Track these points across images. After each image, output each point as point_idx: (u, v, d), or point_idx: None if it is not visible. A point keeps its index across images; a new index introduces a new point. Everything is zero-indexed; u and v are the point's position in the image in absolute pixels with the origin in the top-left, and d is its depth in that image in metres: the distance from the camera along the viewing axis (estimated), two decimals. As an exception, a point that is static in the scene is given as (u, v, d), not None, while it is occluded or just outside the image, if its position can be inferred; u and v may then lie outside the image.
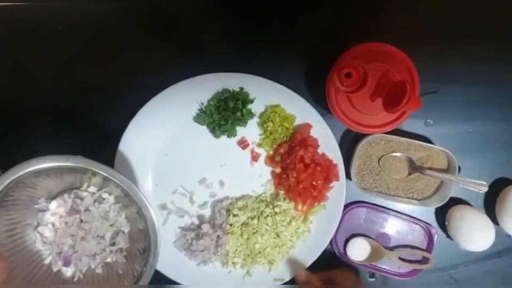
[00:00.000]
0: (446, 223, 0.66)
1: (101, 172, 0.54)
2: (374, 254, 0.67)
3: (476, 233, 0.64)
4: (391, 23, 0.66)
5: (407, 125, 0.66)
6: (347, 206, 0.67)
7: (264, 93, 0.64)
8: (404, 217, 0.67)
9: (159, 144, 0.66)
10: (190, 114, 0.66)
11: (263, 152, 0.67)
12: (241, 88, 0.64)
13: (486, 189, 0.63)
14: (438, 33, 0.66)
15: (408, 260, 0.67)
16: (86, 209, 0.62)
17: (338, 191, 0.64)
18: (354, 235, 0.67)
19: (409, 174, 0.65)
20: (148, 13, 0.66)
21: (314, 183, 0.63)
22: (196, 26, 0.67)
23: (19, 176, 0.52)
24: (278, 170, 0.66)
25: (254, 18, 0.66)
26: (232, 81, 0.64)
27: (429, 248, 0.67)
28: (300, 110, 0.64)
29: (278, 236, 0.66)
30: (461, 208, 0.65)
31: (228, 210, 0.66)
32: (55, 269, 0.61)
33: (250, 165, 0.67)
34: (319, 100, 0.64)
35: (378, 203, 0.67)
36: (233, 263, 0.67)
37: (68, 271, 0.62)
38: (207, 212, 0.67)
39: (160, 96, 0.63)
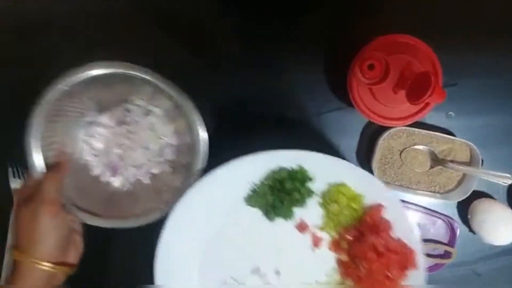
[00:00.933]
0: (469, 216, 0.65)
1: (152, 80, 0.53)
2: (396, 249, 0.66)
3: (500, 227, 0.63)
4: (412, 15, 0.65)
5: (429, 118, 0.65)
6: (368, 200, 0.66)
7: (325, 170, 0.57)
8: (426, 211, 0.66)
9: (206, 231, 0.58)
10: (240, 195, 0.59)
11: (325, 236, 0.59)
12: (300, 167, 0.57)
13: (510, 181, 0.62)
14: (458, 25, 0.65)
15: (430, 254, 0.67)
16: (134, 121, 0.61)
17: (416, 279, 0.56)
18: (375, 230, 0.67)
19: (431, 167, 0.65)
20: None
21: (388, 273, 0.55)
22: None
23: (69, 85, 0.52)
24: (344, 258, 0.59)
25: (274, 12, 0.65)
26: (288, 158, 0.56)
27: (452, 242, 0.66)
28: (368, 188, 0.57)
29: None
30: (485, 201, 0.64)
31: None
32: (103, 179, 0.61)
33: (311, 251, 0.59)
34: (341, 93, 0.64)
35: (400, 197, 0.66)
36: None
37: (116, 181, 0.62)
38: None
39: (206, 179, 0.55)
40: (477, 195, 0.66)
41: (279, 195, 0.58)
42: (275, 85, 0.65)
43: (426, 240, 0.67)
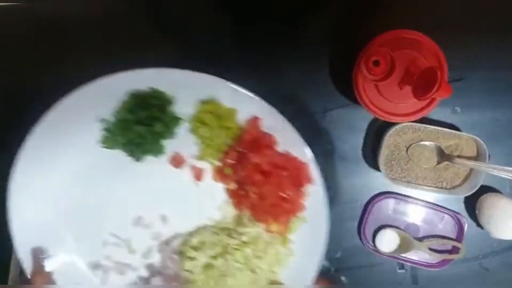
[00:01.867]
0: (477, 211, 0.65)
1: None
2: (403, 245, 0.66)
3: (508, 221, 0.62)
4: (415, 10, 0.65)
5: (434, 113, 0.64)
6: (374, 197, 0.66)
7: (187, 89, 0.49)
8: (433, 206, 0.66)
9: (62, 190, 0.49)
10: (93, 136, 0.49)
11: (207, 166, 0.52)
12: (153, 89, 0.48)
13: (517, 176, 0.62)
14: (462, 19, 0.65)
15: (438, 250, 0.67)
16: None
17: (317, 195, 0.52)
18: (382, 227, 0.66)
19: (438, 163, 0.64)
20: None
21: (282, 194, 0.50)
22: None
23: None
24: (233, 186, 0.52)
25: (279, 9, 0.65)
26: (138, 81, 0.48)
27: (459, 237, 0.66)
28: (239, 100, 0.50)
29: (254, 271, 0.50)
30: (492, 196, 0.64)
31: (181, 253, 0.51)
32: None
33: (195, 186, 0.51)
34: (346, 90, 0.64)
35: (407, 193, 0.66)
36: None
37: None
38: (155, 260, 0.52)
39: (49, 117, 0.46)
40: (485, 190, 0.65)
41: (139, 129, 0.47)
42: (280, 83, 0.65)
43: (434, 236, 0.67)
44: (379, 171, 0.63)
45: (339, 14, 0.65)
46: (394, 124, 0.62)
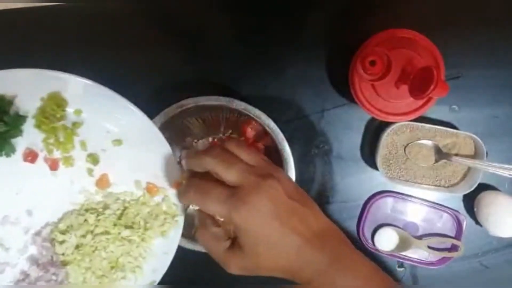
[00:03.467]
0: (475, 209, 0.65)
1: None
2: (403, 244, 0.66)
3: (506, 219, 0.62)
4: (411, 9, 0.65)
5: (432, 112, 0.64)
6: (373, 196, 0.66)
7: (34, 87, 0.50)
8: (432, 205, 0.66)
9: None
10: None
11: (61, 155, 0.53)
12: None
13: (516, 173, 0.62)
14: (459, 17, 0.65)
15: (437, 248, 0.67)
16: None
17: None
18: (381, 225, 0.66)
19: (436, 161, 0.64)
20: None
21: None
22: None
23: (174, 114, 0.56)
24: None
25: (275, 9, 0.65)
26: None
27: (458, 235, 0.66)
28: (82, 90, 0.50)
29: (125, 238, 0.53)
30: (490, 194, 0.64)
31: (52, 240, 0.52)
32: None
33: (53, 177, 0.52)
34: (343, 89, 0.64)
35: (405, 192, 0.66)
36: None
37: None
38: (33, 252, 0.52)
39: None
40: (483, 187, 0.65)
41: None
42: (277, 82, 0.65)
43: (433, 234, 0.67)
44: (377, 170, 0.63)
45: (335, 14, 0.65)
46: (391, 123, 0.62)
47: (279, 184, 0.43)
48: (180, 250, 0.55)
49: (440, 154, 0.64)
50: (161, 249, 0.54)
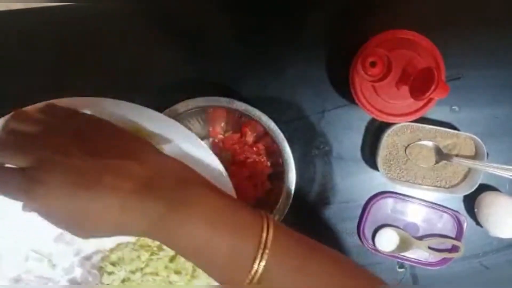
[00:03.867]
0: (476, 210, 0.65)
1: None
2: (403, 244, 0.66)
3: (507, 220, 0.62)
4: (411, 10, 0.65)
5: (432, 112, 0.65)
6: (373, 197, 0.66)
7: None
8: (432, 205, 0.66)
9: None
10: None
11: None
12: None
13: (516, 174, 0.62)
14: (458, 16, 0.65)
15: (438, 249, 0.67)
16: None
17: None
18: (382, 226, 0.66)
19: (437, 162, 0.64)
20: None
21: None
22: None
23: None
24: None
25: (275, 9, 0.65)
26: None
27: (459, 236, 0.66)
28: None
29: (171, 283, 0.52)
30: (491, 195, 0.64)
31: (101, 268, 0.52)
32: None
33: None
34: (343, 90, 0.64)
35: (405, 193, 0.66)
36: None
37: None
38: (77, 275, 0.52)
39: None
40: (483, 188, 0.65)
41: None
42: (277, 83, 0.65)
43: (433, 235, 0.67)
44: (378, 170, 0.63)
45: (335, 14, 0.65)
46: (392, 124, 0.62)
47: (79, 146, 0.38)
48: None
49: (441, 155, 0.64)
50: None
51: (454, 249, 0.66)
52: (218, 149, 0.63)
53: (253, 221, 0.40)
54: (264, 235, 0.38)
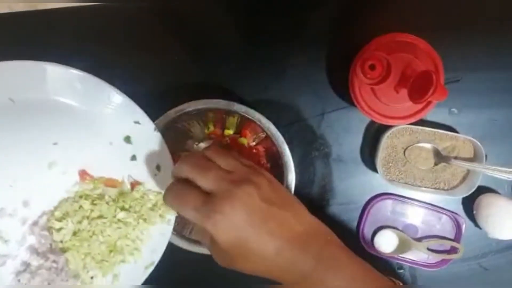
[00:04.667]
0: (474, 212, 0.65)
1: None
2: (402, 246, 0.66)
3: (505, 221, 0.63)
4: (411, 13, 0.65)
5: (431, 115, 0.65)
6: (373, 198, 0.67)
7: None
8: (431, 207, 0.67)
9: None
10: None
11: None
12: None
13: (514, 176, 0.62)
14: (458, 20, 0.65)
15: (437, 250, 0.67)
16: None
17: None
18: (381, 227, 0.67)
19: (435, 164, 0.65)
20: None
21: None
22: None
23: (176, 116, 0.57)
24: None
25: (274, 12, 0.65)
26: None
27: (458, 237, 0.67)
28: None
29: (121, 221, 0.54)
30: (489, 197, 0.65)
31: (50, 228, 0.53)
32: None
33: (47, 168, 0.53)
34: (342, 92, 0.64)
35: (405, 194, 0.67)
36: (91, 278, 0.55)
37: None
38: (31, 242, 0.53)
39: None
40: (482, 190, 0.66)
41: None
42: (277, 85, 0.66)
43: (432, 236, 0.67)
44: (377, 172, 0.63)
45: (335, 18, 0.66)
46: (391, 126, 0.62)
47: (255, 189, 0.43)
48: (178, 250, 0.55)
49: (440, 157, 0.64)
50: (158, 230, 0.56)
51: (453, 250, 0.67)
52: None
53: (384, 284, 0.46)
54: None
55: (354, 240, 0.67)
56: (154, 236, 0.56)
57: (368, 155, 0.66)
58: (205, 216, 0.41)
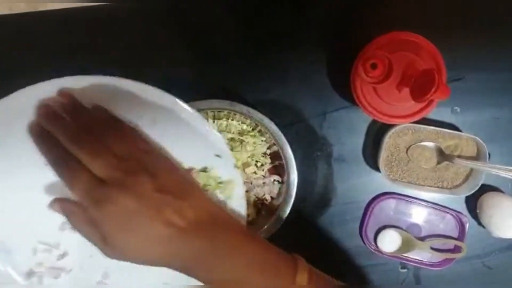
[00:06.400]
0: (478, 211, 0.65)
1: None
2: (405, 245, 0.66)
3: (509, 220, 0.62)
4: (412, 11, 0.65)
5: (434, 113, 0.65)
6: (376, 198, 0.66)
7: None
8: (434, 206, 0.66)
9: None
10: None
11: None
12: None
13: (518, 175, 0.62)
14: (461, 19, 0.65)
15: (440, 249, 0.67)
16: None
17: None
18: (384, 227, 0.67)
19: (438, 163, 0.65)
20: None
21: None
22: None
23: None
24: None
25: (275, 12, 0.65)
26: None
27: (461, 236, 0.66)
28: None
29: None
30: (493, 195, 0.64)
31: None
32: None
33: None
34: (344, 92, 0.64)
35: (408, 194, 0.67)
36: None
37: None
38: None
39: None
40: (485, 189, 0.65)
41: None
42: (279, 86, 0.65)
43: (435, 235, 0.67)
44: (380, 172, 0.63)
45: (337, 17, 0.65)
46: (393, 125, 0.62)
47: (149, 178, 0.41)
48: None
49: (442, 156, 0.64)
50: None
51: (456, 249, 0.67)
52: None
53: (285, 263, 0.45)
54: (299, 277, 0.44)
55: (357, 239, 0.67)
56: None
57: (371, 155, 0.66)
58: (92, 203, 0.40)
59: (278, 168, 0.62)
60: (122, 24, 0.65)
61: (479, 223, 0.66)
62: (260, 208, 0.63)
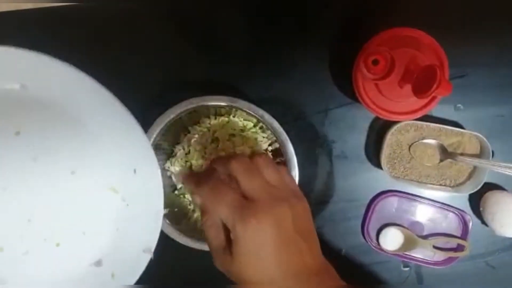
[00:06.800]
0: (481, 209, 0.65)
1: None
2: (408, 243, 0.66)
3: (512, 219, 0.62)
4: (414, 7, 0.65)
5: (437, 110, 0.64)
6: (377, 196, 0.66)
7: None
8: (437, 204, 0.66)
9: None
10: None
11: None
12: None
13: (522, 172, 0.62)
14: (464, 15, 0.65)
15: (443, 248, 0.66)
16: None
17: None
18: (386, 225, 0.66)
19: (441, 160, 0.64)
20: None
21: None
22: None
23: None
24: None
25: (278, 11, 0.65)
26: None
27: (464, 235, 0.66)
28: None
29: None
30: (496, 193, 0.64)
31: None
32: None
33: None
34: (346, 88, 0.64)
35: (410, 191, 0.66)
36: None
37: None
38: None
39: None
40: (489, 187, 0.65)
41: None
42: (280, 82, 0.65)
43: (438, 234, 0.66)
44: (382, 169, 0.63)
45: (339, 13, 0.65)
46: (396, 122, 0.62)
47: (291, 212, 0.43)
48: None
49: (445, 153, 0.64)
50: None
51: (459, 248, 0.66)
52: None
53: None
54: None
55: (358, 237, 0.67)
56: None
57: (373, 152, 0.66)
58: (239, 218, 0.42)
59: (279, 165, 0.62)
60: (126, 24, 0.65)
61: (482, 222, 0.66)
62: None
